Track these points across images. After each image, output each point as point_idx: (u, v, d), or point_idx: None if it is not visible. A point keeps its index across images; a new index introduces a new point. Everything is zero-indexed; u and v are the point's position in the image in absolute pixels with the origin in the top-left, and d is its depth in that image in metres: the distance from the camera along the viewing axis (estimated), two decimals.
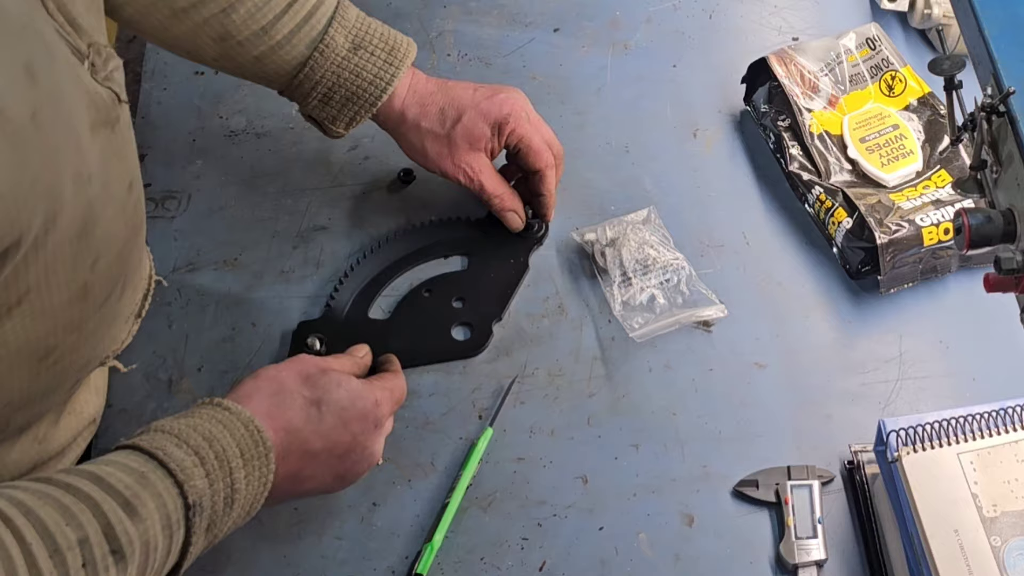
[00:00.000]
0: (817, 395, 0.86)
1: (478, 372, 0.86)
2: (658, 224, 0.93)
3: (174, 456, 0.61)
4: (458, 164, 0.88)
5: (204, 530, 0.62)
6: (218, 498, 0.63)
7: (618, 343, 0.88)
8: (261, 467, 0.65)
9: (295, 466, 0.69)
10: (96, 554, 0.55)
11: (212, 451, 0.63)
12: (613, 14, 1.10)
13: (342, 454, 0.71)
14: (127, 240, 0.68)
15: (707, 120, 1.02)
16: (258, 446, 0.65)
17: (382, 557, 0.78)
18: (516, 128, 0.87)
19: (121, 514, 0.56)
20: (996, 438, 0.76)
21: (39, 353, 0.62)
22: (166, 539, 0.59)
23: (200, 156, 0.99)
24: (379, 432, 0.74)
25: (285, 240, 0.93)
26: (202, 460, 0.62)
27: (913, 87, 0.99)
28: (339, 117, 0.86)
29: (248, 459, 0.65)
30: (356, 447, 0.72)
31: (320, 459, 0.70)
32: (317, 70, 0.83)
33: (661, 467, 0.82)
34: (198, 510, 0.61)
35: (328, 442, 0.70)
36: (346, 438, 0.71)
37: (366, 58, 0.84)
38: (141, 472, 0.59)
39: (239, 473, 0.64)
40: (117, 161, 0.64)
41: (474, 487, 0.80)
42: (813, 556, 0.77)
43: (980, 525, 0.72)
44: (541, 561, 0.78)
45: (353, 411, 0.72)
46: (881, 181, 0.93)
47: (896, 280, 0.89)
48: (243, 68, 0.83)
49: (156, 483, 0.59)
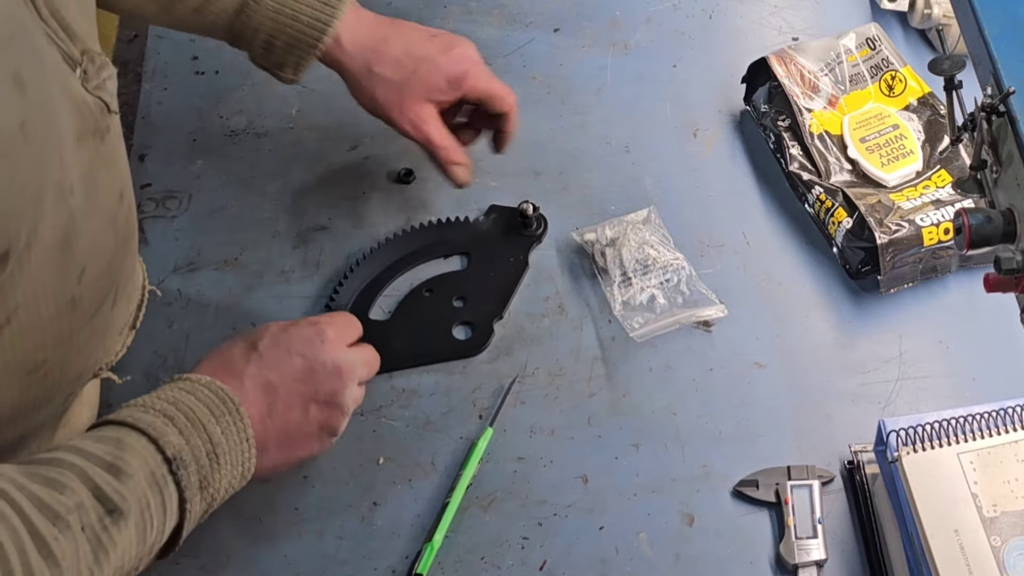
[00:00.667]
0: (817, 395, 0.86)
1: (478, 372, 0.86)
2: (658, 224, 0.93)
3: (143, 419, 0.63)
4: (405, 114, 0.86)
5: (197, 487, 0.64)
6: (200, 453, 0.64)
7: (618, 343, 0.88)
8: (234, 420, 0.67)
9: (262, 405, 0.69)
10: (92, 517, 0.56)
11: (180, 412, 0.64)
12: (613, 14, 1.10)
13: (301, 378, 0.72)
14: (116, 250, 0.67)
15: (707, 120, 1.02)
16: (225, 402, 0.67)
17: (382, 557, 0.78)
18: (476, 82, 0.87)
19: (107, 476, 0.58)
20: (996, 438, 0.76)
21: (28, 366, 0.62)
22: (156, 496, 0.61)
23: (200, 156, 0.99)
24: (331, 345, 0.73)
25: (285, 240, 0.93)
26: (171, 419, 0.64)
27: (913, 87, 0.99)
28: (285, 63, 0.85)
29: (219, 415, 0.66)
30: (315, 368, 0.72)
31: (282, 390, 0.71)
32: (253, 16, 0.82)
33: (661, 467, 0.82)
34: (180, 463, 0.62)
35: (280, 372, 0.71)
36: (296, 361, 0.72)
37: (303, 0, 0.83)
38: (116, 438, 0.61)
39: (213, 427, 0.65)
40: (106, 172, 0.63)
41: (474, 487, 0.80)
42: (813, 556, 0.77)
43: (980, 525, 0.72)
44: (541, 561, 0.78)
45: (291, 336, 0.73)
46: (881, 181, 0.93)
47: (896, 280, 0.89)
48: (186, 22, 0.83)
49: (133, 444, 0.61)
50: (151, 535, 0.61)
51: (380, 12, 0.94)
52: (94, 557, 0.57)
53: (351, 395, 0.74)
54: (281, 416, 0.70)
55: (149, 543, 0.61)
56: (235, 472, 0.67)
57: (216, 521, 0.78)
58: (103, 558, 0.57)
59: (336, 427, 0.74)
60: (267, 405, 0.70)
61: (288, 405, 0.71)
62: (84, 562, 0.56)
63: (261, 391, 0.70)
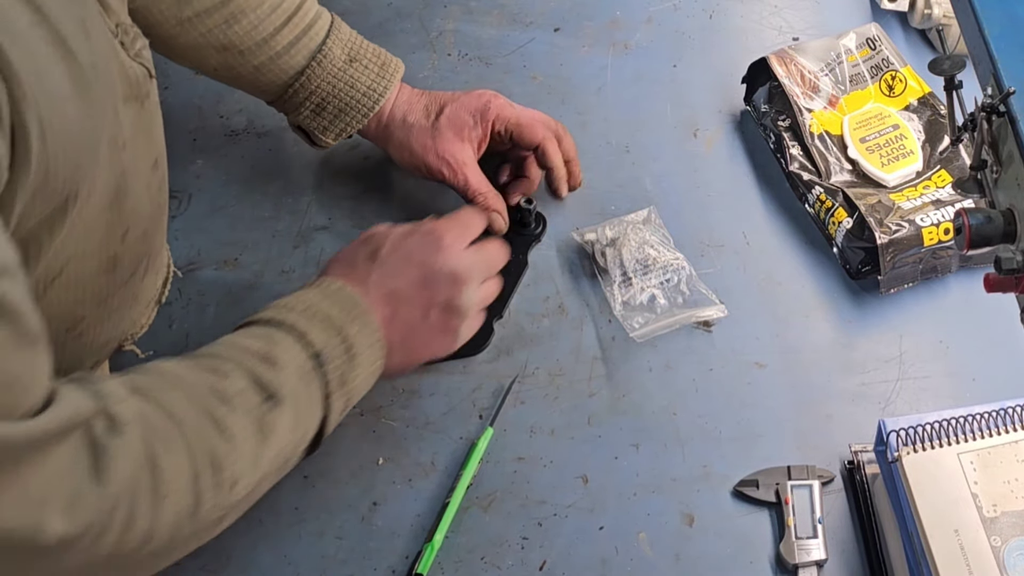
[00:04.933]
0: (817, 395, 0.86)
1: (478, 372, 0.86)
2: (658, 224, 0.93)
3: (288, 318, 0.68)
4: (442, 155, 0.88)
5: (338, 383, 0.69)
6: (338, 351, 0.69)
7: (618, 343, 0.88)
8: (365, 320, 0.71)
9: (386, 311, 0.74)
10: (254, 401, 0.62)
11: (316, 314, 0.69)
12: (613, 14, 1.10)
13: (420, 285, 0.76)
14: (152, 218, 0.69)
15: (707, 120, 1.02)
16: (355, 306, 0.72)
17: (382, 557, 0.78)
18: (500, 112, 0.89)
19: (263, 366, 0.64)
20: (996, 438, 0.76)
21: (68, 323, 0.63)
22: (305, 388, 0.66)
23: (200, 156, 0.99)
24: (447, 251, 0.77)
25: (285, 240, 0.93)
26: (310, 319, 0.69)
27: (913, 87, 0.99)
28: (330, 127, 0.88)
29: (351, 317, 0.71)
30: (432, 275, 0.76)
31: (403, 297, 0.75)
32: (313, 80, 0.85)
33: (661, 467, 0.82)
34: (325, 359, 0.68)
35: (400, 278, 0.75)
36: (414, 270, 0.76)
37: (360, 70, 0.86)
38: (266, 334, 0.67)
39: (348, 329, 0.70)
40: (144, 137, 0.65)
41: (474, 487, 0.81)
42: (813, 556, 0.77)
43: (980, 525, 0.72)
44: (541, 561, 0.78)
45: (409, 245, 0.77)
46: (881, 181, 0.93)
47: (896, 280, 0.89)
48: (241, 77, 0.85)
49: (281, 340, 0.67)
50: (302, 425, 0.66)
51: (380, 12, 0.95)
52: (258, 439, 0.62)
53: (468, 298, 0.78)
54: (404, 321, 0.75)
55: (300, 432, 0.67)
56: (368, 371, 0.72)
57: None
58: (265, 440, 0.63)
59: (455, 329, 0.78)
60: (391, 311, 0.74)
61: (410, 311, 0.75)
62: (250, 442, 0.61)
63: (384, 298, 0.74)
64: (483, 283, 0.80)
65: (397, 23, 1.08)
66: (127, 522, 0.53)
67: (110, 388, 0.55)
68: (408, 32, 1.08)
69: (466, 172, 0.88)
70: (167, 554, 0.60)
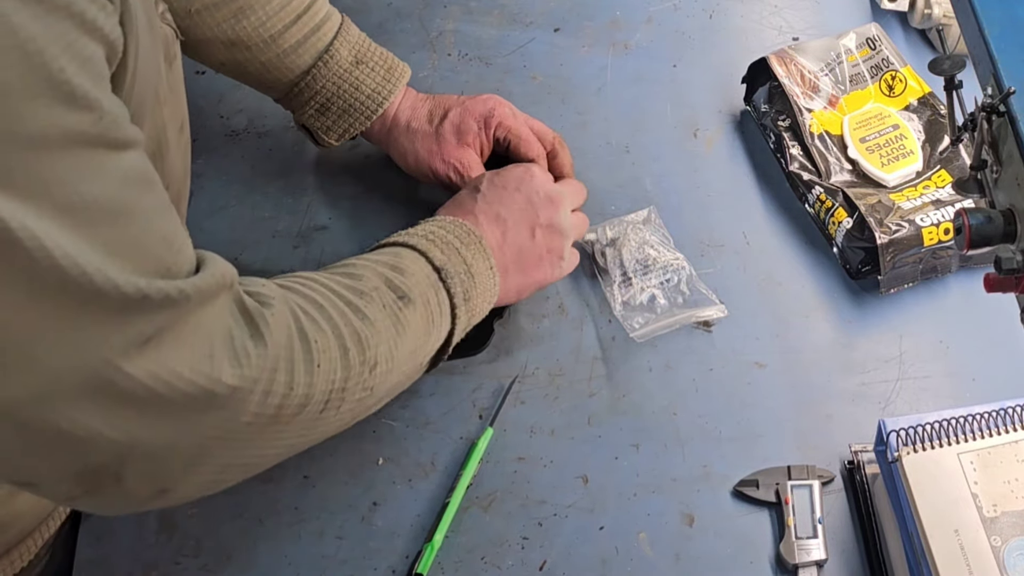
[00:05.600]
0: (817, 395, 0.86)
1: (478, 372, 0.86)
2: (658, 224, 0.93)
3: (411, 239, 0.74)
4: (448, 160, 0.89)
5: (463, 298, 0.74)
6: (459, 269, 0.74)
7: (618, 343, 0.88)
8: (478, 248, 0.77)
9: (496, 234, 0.80)
10: (388, 298, 0.67)
11: (436, 238, 0.75)
12: (613, 14, 1.10)
13: (523, 207, 0.81)
14: (183, 181, 0.70)
15: (707, 120, 1.02)
16: (469, 234, 0.77)
17: (382, 557, 0.78)
18: (503, 120, 0.89)
19: (393, 273, 0.69)
20: (996, 438, 0.76)
21: None
22: (434, 295, 0.71)
23: (201, 155, 0.99)
24: (540, 179, 0.83)
25: (285, 240, 0.93)
26: (431, 241, 0.74)
27: (913, 87, 0.99)
28: (333, 128, 0.89)
29: (466, 243, 0.76)
30: (532, 198, 0.82)
31: (510, 220, 0.81)
32: (319, 79, 0.85)
33: (661, 467, 0.82)
34: (447, 273, 0.73)
35: (504, 204, 0.81)
36: (514, 195, 0.82)
37: (367, 72, 0.87)
38: (393, 251, 0.72)
39: (465, 252, 0.75)
40: (174, 98, 0.67)
41: (474, 487, 0.81)
42: (813, 556, 0.77)
43: (980, 525, 0.72)
44: (541, 561, 0.78)
45: (505, 176, 0.83)
46: (881, 181, 0.93)
47: (896, 280, 0.89)
48: (247, 74, 0.85)
49: (406, 256, 0.72)
50: (433, 330, 0.71)
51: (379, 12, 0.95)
52: (396, 329, 0.66)
53: (566, 219, 0.84)
54: (513, 242, 0.80)
55: (431, 337, 0.71)
56: (487, 292, 0.77)
57: (216, 521, 0.79)
58: (401, 332, 0.67)
59: (560, 248, 0.83)
60: (500, 234, 0.80)
61: (517, 231, 0.81)
62: (390, 331, 0.66)
63: (493, 223, 0.80)
64: (573, 212, 0.86)
65: (397, 23, 1.08)
66: (289, 384, 0.57)
67: (251, 279, 0.61)
68: (408, 32, 1.08)
69: (472, 175, 0.89)
70: (318, 426, 0.63)
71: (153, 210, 0.51)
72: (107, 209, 0.47)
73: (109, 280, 0.46)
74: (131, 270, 0.47)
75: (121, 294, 0.47)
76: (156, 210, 0.51)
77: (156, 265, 0.50)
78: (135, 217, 0.49)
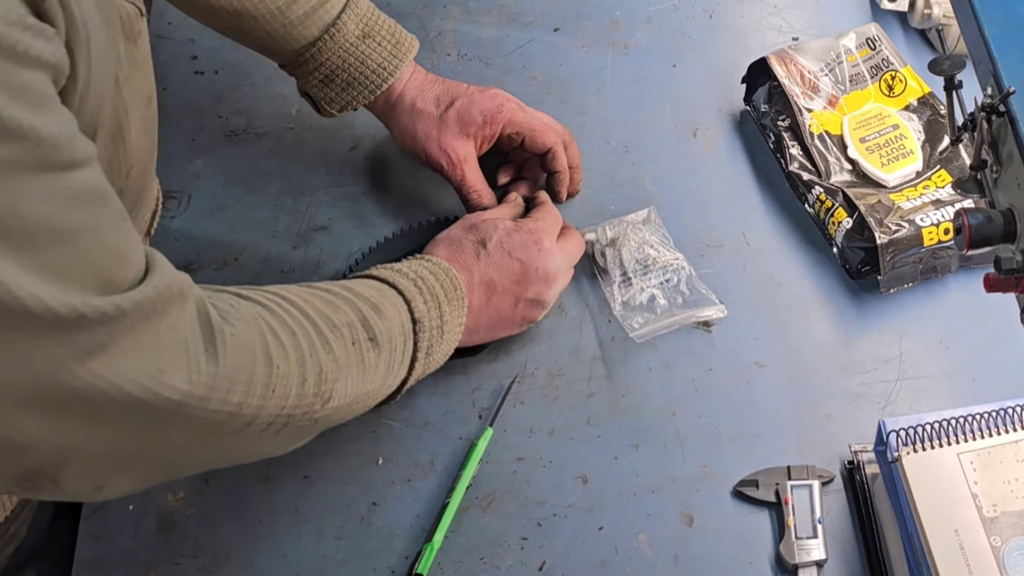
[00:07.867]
0: (817, 395, 0.86)
1: (478, 372, 0.86)
2: (658, 224, 0.93)
3: (401, 282, 0.74)
4: (443, 148, 0.89)
5: (425, 352, 0.74)
6: (434, 324, 0.74)
7: (618, 343, 0.88)
8: (459, 305, 0.78)
9: (482, 297, 0.80)
10: (359, 336, 0.67)
11: (425, 286, 0.75)
12: (613, 14, 1.10)
13: (517, 279, 0.82)
14: (148, 154, 0.70)
15: (707, 120, 1.02)
16: (456, 288, 0.78)
17: (382, 557, 0.78)
18: (511, 117, 0.89)
19: (371, 312, 0.69)
20: (996, 438, 0.76)
21: None
22: (401, 344, 0.71)
23: (200, 156, 0.99)
24: (546, 254, 0.83)
25: (285, 240, 0.93)
26: (420, 290, 0.74)
27: (913, 87, 0.99)
28: (336, 100, 0.88)
29: (450, 298, 0.77)
30: (529, 272, 0.82)
31: (499, 288, 0.81)
32: (324, 51, 0.85)
33: (661, 467, 0.82)
34: (422, 327, 0.73)
35: (501, 272, 0.81)
36: (515, 265, 0.82)
37: (373, 47, 0.86)
38: (379, 288, 0.72)
39: (446, 307, 0.76)
40: (138, 74, 0.65)
41: (474, 487, 0.80)
42: (813, 556, 0.77)
43: (980, 525, 0.72)
44: (541, 561, 0.78)
45: (514, 241, 0.82)
46: (881, 181, 0.93)
47: (896, 280, 0.89)
48: (253, 42, 0.85)
49: (391, 297, 0.72)
50: (390, 377, 0.71)
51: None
52: (356, 369, 0.67)
53: (554, 294, 0.85)
54: (494, 308, 0.81)
55: (387, 382, 0.71)
56: (449, 346, 0.78)
57: (216, 521, 0.79)
58: (361, 372, 0.67)
59: (534, 319, 0.85)
60: (486, 299, 0.81)
61: (502, 300, 0.82)
62: (353, 369, 0.66)
63: (483, 287, 0.81)
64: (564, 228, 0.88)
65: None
66: (240, 403, 0.58)
67: (227, 293, 0.62)
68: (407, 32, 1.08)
69: (464, 168, 0.89)
70: (255, 444, 0.63)
71: (103, 225, 0.51)
72: (47, 230, 0.47)
73: (41, 303, 0.46)
74: (66, 290, 0.47)
75: (55, 315, 0.46)
76: (106, 224, 0.51)
77: (96, 280, 0.49)
78: (81, 235, 0.49)
